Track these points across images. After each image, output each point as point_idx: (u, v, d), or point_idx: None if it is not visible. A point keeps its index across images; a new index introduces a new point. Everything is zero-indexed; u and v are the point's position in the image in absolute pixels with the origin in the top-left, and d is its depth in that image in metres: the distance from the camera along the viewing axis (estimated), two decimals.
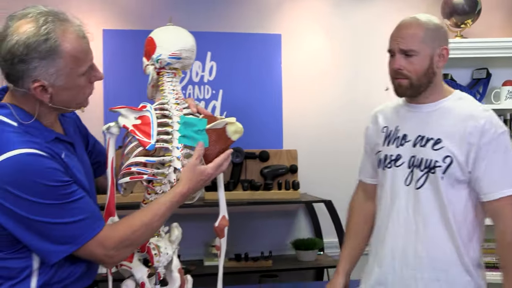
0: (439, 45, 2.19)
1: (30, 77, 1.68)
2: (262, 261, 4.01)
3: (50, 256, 1.72)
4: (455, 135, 2.14)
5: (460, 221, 2.16)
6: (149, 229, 1.85)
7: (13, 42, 1.65)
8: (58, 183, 1.68)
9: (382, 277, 2.28)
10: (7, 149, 1.65)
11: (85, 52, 1.76)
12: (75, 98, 1.80)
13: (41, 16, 1.69)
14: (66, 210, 1.70)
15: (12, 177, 1.64)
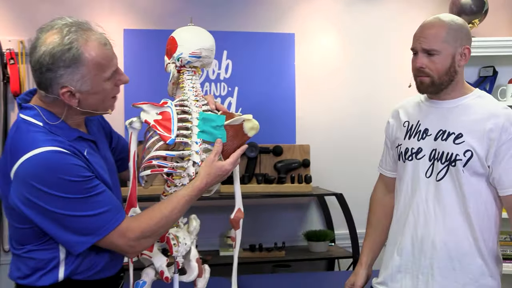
0: (461, 45, 2.19)
1: (58, 84, 1.74)
2: (275, 252, 4.02)
3: (74, 247, 1.76)
4: (476, 131, 2.15)
5: (478, 213, 2.17)
6: (168, 221, 1.88)
7: (41, 52, 1.71)
8: (80, 178, 1.71)
9: (402, 265, 2.29)
10: (32, 148, 1.69)
11: (108, 58, 1.79)
12: (102, 101, 1.84)
13: (65, 27, 1.73)
14: (88, 204, 1.73)
15: (37, 174, 1.68)
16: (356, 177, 4.27)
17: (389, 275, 2.33)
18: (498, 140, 2.11)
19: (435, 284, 2.20)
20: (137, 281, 1.99)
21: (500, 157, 2.12)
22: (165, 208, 1.87)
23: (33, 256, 1.81)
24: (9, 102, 3.84)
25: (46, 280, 1.80)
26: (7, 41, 3.79)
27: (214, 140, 1.98)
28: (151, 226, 1.83)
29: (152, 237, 1.88)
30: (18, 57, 3.80)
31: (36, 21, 3.76)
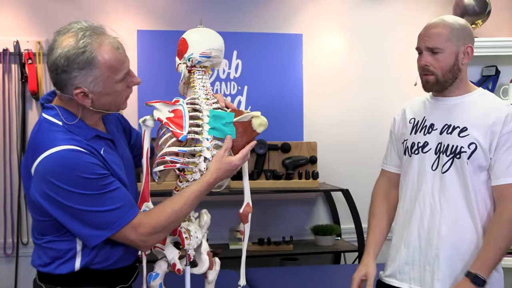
0: (464, 43, 2.20)
1: (72, 85, 1.77)
2: (283, 245, 4.02)
3: (90, 240, 1.79)
4: (480, 124, 2.16)
5: (481, 204, 2.18)
6: (179, 216, 1.89)
7: (57, 55, 1.75)
8: (95, 176, 1.74)
9: (410, 257, 2.29)
10: (51, 146, 1.73)
11: (120, 61, 1.82)
12: (114, 101, 1.87)
13: (80, 31, 1.76)
14: (103, 200, 1.76)
15: (55, 171, 1.72)
16: (361, 174, 4.26)
17: (397, 268, 2.33)
18: (499, 133, 2.14)
19: (440, 274, 2.20)
20: (150, 273, 2.00)
21: (498, 148, 2.14)
22: (175, 204, 1.88)
23: (52, 247, 1.85)
24: (27, 101, 3.86)
25: (64, 269, 1.85)
26: (25, 42, 3.81)
27: (224, 137, 1.99)
28: (161, 222, 1.85)
29: (163, 232, 1.89)
30: (36, 57, 3.82)
31: (53, 23, 3.83)
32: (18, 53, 3.80)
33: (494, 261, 2.12)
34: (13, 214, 3.86)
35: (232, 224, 4.08)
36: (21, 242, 3.87)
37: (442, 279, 2.20)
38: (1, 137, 3.82)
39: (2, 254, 3.86)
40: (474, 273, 2.10)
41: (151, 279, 1.99)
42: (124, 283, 1.98)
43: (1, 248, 3.86)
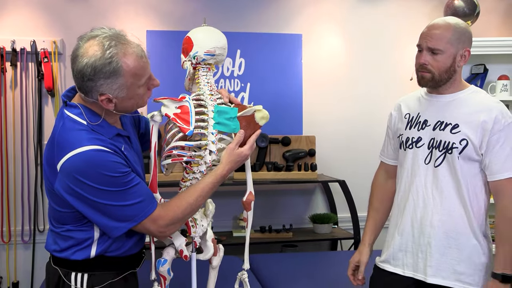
0: (463, 47, 2.20)
1: (97, 91, 1.76)
2: (283, 233, 4.02)
3: (113, 231, 1.81)
4: (471, 121, 2.15)
5: (472, 196, 2.18)
6: (194, 207, 1.90)
7: (83, 64, 1.72)
8: (119, 174, 1.75)
9: (403, 244, 2.30)
10: (78, 146, 1.73)
11: (143, 68, 1.80)
12: (136, 104, 1.87)
13: (106, 40, 1.73)
14: (126, 195, 1.77)
15: (82, 169, 1.72)
16: (357, 166, 4.27)
17: (391, 254, 2.34)
18: (491, 131, 2.12)
19: (432, 261, 2.21)
20: (158, 259, 2.00)
21: (491, 146, 2.13)
22: (190, 197, 1.89)
23: (71, 235, 1.86)
24: (43, 97, 3.86)
25: (80, 255, 1.86)
26: (41, 41, 3.80)
27: (228, 131, 1.98)
28: (178, 214, 1.86)
29: (179, 223, 1.91)
30: (51, 56, 3.81)
31: (67, 24, 3.83)
32: (35, 52, 3.79)
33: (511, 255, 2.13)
34: (30, 203, 3.86)
35: (235, 213, 4.08)
36: (38, 230, 3.88)
37: (434, 265, 2.21)
38: (19, 131, 3.82)
39: (20, 241, 3.87)
40: (500, 273, 2.11)
41: (159, 264, 1.99)
42: (133, 268, 2.00)
43: (19, 235, 3.86)
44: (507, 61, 4.21)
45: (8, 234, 3.83)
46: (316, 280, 3.12)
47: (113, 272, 1.91)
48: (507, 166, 2.13)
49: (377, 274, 2.41)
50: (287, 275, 3.22)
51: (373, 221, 2.49)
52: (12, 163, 3.81)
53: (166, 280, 2.02)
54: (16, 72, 3.80)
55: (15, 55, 3.75)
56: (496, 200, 2.18)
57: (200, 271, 2.11)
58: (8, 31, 3.80)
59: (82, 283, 1.87)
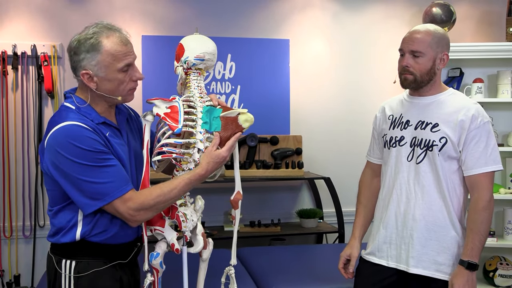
0: (442, 51, 2.23)
1: (80, 67, 1.83)
2: (272, 227, 4.00)
3: (85, 208, 1.83)
4: (450, 121, 2.18)
5: (451, 191, 2.20)
6: (166, 198, 1.88)
7: (72, 39, 1.86)
8: (93, 149, 1.78)
9: (387, 237, 2.31)
10: (61, 122, 1.79)
11: (122, 52, 1.86)
12: (117, 89, 1.89)
13: (97, 24, 1.86)
14: (99, 172, 1.79)
15: (60, 142, 1.77)
16: (341, 164, 4.26)
17: (376, 246, 2.36)
18: (468, 129, 2.15)
19: (414, 252, 2.22)
20: (151, 253, 1.99)
21: (467, 143, 2.15)
22: (165, 187, 1.88)
23: (59, 216, 1.89)
24: (43, 99, 3.82)
25: (66, 237, 1.88)
26: (41, 45, 3.76)
27: (209, 129, 1.97)
28: (149, 200, 1.85)
29: (151, 210, 1.88)
30: (51, 59, 3.77)
31: (66, 29, 3.79)
32: (35, 56, 3.75)
33: (480, 245, 2.14)
34: (30, 200, 3.82)
35: (226, 209, 4.06)
36: (38, 225, 3.84)
37: (416, 256, 2.23)
38: (20, 131, 3.78)
39: (21, 236, 3.83)
40: (466, 260, 2.13)
41: (152, 258, 1.98)
42: (122, 259, 1.98)
43: (20, 230, 3.83)
44: (481, 65, 4.22)
45: (10, 229, 3.79)
46: (303, 271, 3.11)
47: (98, 260, 1.90)
48: (481, 162, 2.15)
49: (363, 266, 2.42)
50: (275, 267, 3.21)
51: (362, 216, 2.49)
52: (14, 162, 3.78)
53: (158, 273, 2.01)
54: (17, 75, 3.76)
55: (16, 59, 3.71)
56: (470, 193, 2.21)
57: (191, 264, 2.09)
58: (10, 35, 3.76)
59: (70, 269, 1.87)
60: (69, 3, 3.86)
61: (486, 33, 4.45)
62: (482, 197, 2.14)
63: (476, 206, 2.14)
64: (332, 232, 4.08)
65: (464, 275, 2.10)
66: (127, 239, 1.98)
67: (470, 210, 2.17)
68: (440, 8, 4.04)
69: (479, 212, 2.13)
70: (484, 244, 2.15)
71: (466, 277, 2.10)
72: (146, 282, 1.99)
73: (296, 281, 2.97)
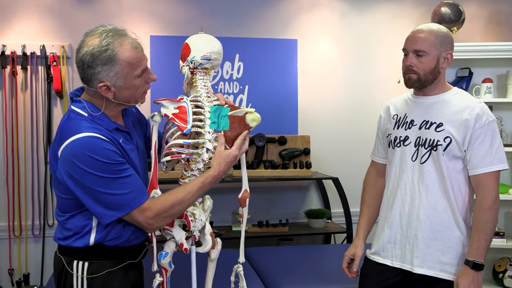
0: (446, 50, 2.22)
1: (96, 79, 1.79)
2: (280, 227, 4.01)
3: (103, 218, 1.82)
4: (454, 120, 2.17)
5: (456, 191, 2.20)
6: (182, 204, 1.89)
7: (83, 52, 1.79)
8: (111, 161, 1.76)
9: (392, 237, 2.32)
10: (76, 132, 1.76)
11: (138, 59, 1.83)
12: (133, 95, 1.88)
13: (104, 32, 1.79)
14: (117, 184, 1.78)
15: (78, 154, 1.74)
16: (350, 164, 4.26)
17: (381, 246, 2.35)
18: (472, 128, 2.14)
19: (419, 252, 2.22)
20: (160, 252, 2.01)
21: (472, 142, 2.15)
22: (180, 193, 1.88)
23: (72, 223, 1.88)
24: (52, 98, 3.84)
25: (79, 242, 1.88)
26: (50, 46, 3.78)
27: (217, 128, 1.97)
28: (165, 208, 1.85)
29: (168, 217, 1.89)
30: (60, 59, 3.80)
31: (75, 29, 3.82)
32: (44, 56, 3.78)
33: (485, 244, 2.14)
34: (39, 199, 3.85)
35: (235, 208, 4.07)
36: (47, 224, 3.87)
37: (420, 256, 2.23)
38: (29, 131, 3.81)
39: (31, 235, 3.86)
40: (471, 260, 2.12)
41: (161, 257, 2.00)
42: (133, 259, 2.00)
43: (30, 229, 3.86)
44: (490, 64, 4.20)
45: (19, 228, 3.82)
46: (311, 271, 3.12)
47: (112, 261, 1.92)
48: (486, 162, 2.15)
49: (368, 265, 2.42)
50: (283, 267, 3.22)
51: (366, 216, 2.49)
52: (23, 162, 3.81)
53: (167, 272, 2.02)
54: (27, 75, 3.79)
55: (26, 59, 3.74)
56: (475, 192, 2.21)
57: (199, 264, 2.10)
58: (19, 36, 3.79)
59: (83, 271, 1.88)
60: (78, 3, 3.89)
61: (495, 32, 4.44)
62: (487, 197, 2.14)
63: (482, 206, 2.14)
64: (340, 232, 4.08)
65: (469, 274, 2.10)
66: (138, 241, 2.00)
67: (476, 210, 2.17)
68: (449, 7, 4.03)
69: (485, 211, 2.13)
70: (490, 244, 2.15)
71: (471, 277, 2.10)
72: (155, 283, 2.00)
73: (304, 281, 2.97)
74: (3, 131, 3.78)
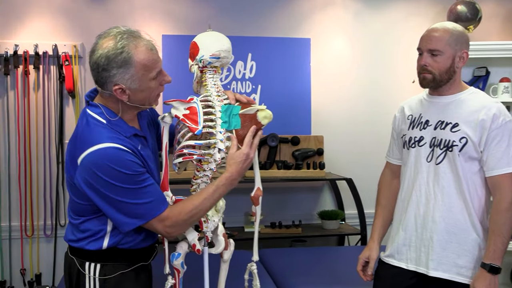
0: (461, 49, 2.21)
1: (111, 82, 1.79)
2: (293, 229, 4.01)
3: (123, 226, 1.83)
4: (470, 120, 2.16)
5: (472, 192, 2.18)
6: (200, 211, 1.90)
7: (98, 55, 1.78)
8: (134, 172, 1.77)
9: (407, 239, 2.30)
10: (98, 142, 1.76)
11: (153, 61, 1.83)
12: (148, 98, 1.88)
13: (119, 34, 1.78)
14: (139, 193, 1.79)
15: (99, 164, 1.74)
16: (364, 164, 4.25)
17: (395, 249, 2.34)
18: (489, 129, 2.13)
19: (434, 255, 2.21)
20: (172, 253, 2.01)
21: (489, 143, 2.13)
22: (196, 200, 1.90)
23: (86, 226, 1.89)
24: (64, 98, 3.87)
25: (92, 246, 1.89)
26: (62, 45, 3.82)
27: (228, 128, 1.97)
28: (183, 215, 1.87)
29: (186, 224, 1.92)
30: (72, 59, 3.83)
31: (87, 28, 3.85)
32: (56, 56, 3.82)
33: (502, 247, 2.12)
34: (51, 199, 3.88)
35: (247, 209, 4.08)
36: (59, 224, 3.90)
37: (436, 259, 2.21)
38: (41, 130, 3.84)
39: (43, 235, 3.89)
40: (488, 263, 2.11)
41: (173, 258, 2.01)
42: (144, 261, 2.01)
43: (42, 229, 3.89)
44: (508, 64, 4.17)
45: (31, 228, 3.86)
46: (324, 273, 3.11)
47: (124, 263, 1.93)
48: (503, 163, 2.13)
49: (382, 268, 2.41)
50: (296, 268, 3.22)
51: (381, 218, 2.48)
52: (35, 161, 3.84)
53: (180, 273, 2.03)
54: (39, 75, 3.83)
55: (38, 59, 3.78)
56: (492, 194, 2.18)
57: (212, 265, 2.11)
58: (31, 35, 3.82)
59: (95, 272, 1.90)
60: (90, 2, 3.91)
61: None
62: (504, 198, 2.12)
63: (498, 208, 2.12)
64: (354, 234, 4.07)
65: (486, 278, 2.09)
66: (149, 243, 2.01)
67: (492, 212, 2.15)
68: (465, 5, 4.01)
69: (502, 213, 2.11)
70: (507, 247, 2.13)
71: (488, 280, 2.09)
72: (167, 285, 2.01)
73: (317, 283, 2.97)
74: (15, 131, 3.81)
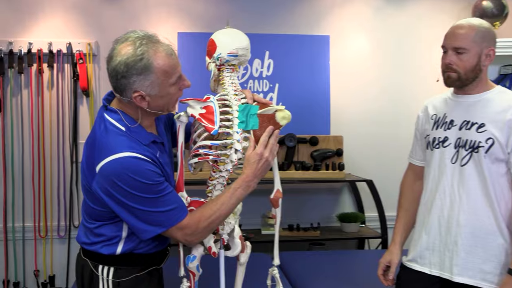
0: (487, 46, 2.16)
1: (131, 89, 1.78)
2: (311, 231, 3.98)
3: (143, 234, 1.84)
4: (497, 121, 2.11)
5: (499, 195, 2.14)
6: (219, 217, 1.89)
7: (116, 62, 1.75)
8: (153, 182, 1.77)
9: (430, 243, 2.27)
10: (118, 151, 1.75)
11: (173, 66, 1.81)
12: (167, 103, 1.88)
13: (137, 40, 1.77)
14: (159, 202, 1.79)
15: (119, 174, 1.74)
16: (384, 166, 4.22)
17: (418, 253, 2.32)
18: None
19: (459, 260, 2.17)
20: (188, 256, 2.01)
21: None
22: (214, 205, 1.89)
23: (101, 231, 1.90)
24: (78, 97, 3.89)
25: (106, 250, 1.90)
26: (77, 43, 3.83)
27: (246, 128, 1.96)
28: (202, 223, 1.87)
29: (206, 231, 1.91)
30: (86, 57, 3.84)
31: (101, 26, 3.85)
32: (71, 54, 3.83)
33: None
34: (65, 200, 3.90)
35: (264, 211, 4.06)
36: (73, 225, 3.91)
37: (460, 264, 2.18)
38: (55, 129, 3.86)
39: (56, 236, 3.91)
40: None
41: (189, 261, 2.00)
42: (157, 264, 2.02)
43: (55, 230, 3.91)
44: None
45: (45, 229, 3.87)
46: (343, 277, 3.09)
47: (137, 267, 1.94)
48: None
49: (404, 273, 2.39)
50: (314, 272, 3.20)
51: (403, 221, 2.46)
52: (49, 161, 3.86)
53: (195, 276, 2.02)
54: (53, 73, 3.84)
55: (52, 57, 3.79)
56: None
57: (228, 268, 2.10)
58: (45, 33, 3.84)
59: (109, 274, 1.91)
60: (104, 0, 3.92)
61: None
62: None
63: None
64: (374, 238, 4.03)
65: None
66: (162, 247, 2.02)
67: None
68: (491, 1, 3.96)
69: None
70: None
71: None
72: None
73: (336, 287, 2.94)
74: (29, 130, 3.83)
